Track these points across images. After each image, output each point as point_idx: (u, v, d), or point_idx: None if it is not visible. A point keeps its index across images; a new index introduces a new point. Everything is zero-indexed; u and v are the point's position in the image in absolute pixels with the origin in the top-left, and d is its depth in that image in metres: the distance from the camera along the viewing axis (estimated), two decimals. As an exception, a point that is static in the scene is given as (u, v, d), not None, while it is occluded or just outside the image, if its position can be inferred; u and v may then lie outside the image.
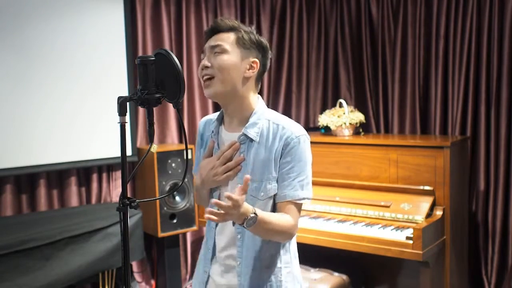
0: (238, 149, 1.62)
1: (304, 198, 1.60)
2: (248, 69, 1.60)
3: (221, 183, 1.64)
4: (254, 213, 1.46)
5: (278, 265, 1.64)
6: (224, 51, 1.57)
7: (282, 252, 1.65)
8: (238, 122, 1.64)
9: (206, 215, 1.40)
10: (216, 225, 1.68)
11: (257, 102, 1.65)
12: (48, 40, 3.37)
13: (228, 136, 1.66)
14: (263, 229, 1.52)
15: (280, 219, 1.55)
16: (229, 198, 1.37)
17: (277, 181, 1.59)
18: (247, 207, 1.45)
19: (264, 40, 1.66)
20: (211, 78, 1.58)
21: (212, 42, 1.60)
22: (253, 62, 1.61)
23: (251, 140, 1.60)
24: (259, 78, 1.66)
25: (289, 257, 1.67)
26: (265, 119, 1.62)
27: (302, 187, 1.59)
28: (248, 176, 1.43)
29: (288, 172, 1.57)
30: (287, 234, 1.59)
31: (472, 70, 3.66)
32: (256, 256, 1.61)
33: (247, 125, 1.61)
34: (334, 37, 4.44)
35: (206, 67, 1.58)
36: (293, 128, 1.60)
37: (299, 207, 1.61)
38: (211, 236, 1.70)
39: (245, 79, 1.60)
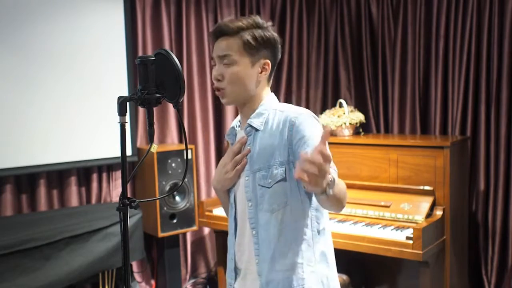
0: (245, 142, 1.60)
1: (335, 169, 1.47)
2: (261, 72, 1.58)
3: (233, 180, 1.61)
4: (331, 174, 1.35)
5: (299, 260, 1.54)
6: (233, 63, 1.54)
7: (303, 247, 1.55)
8: (248, 117, 1.62)
9: (296, 175, 1.24)
10: (235, 231, 1.63)
11: (267, 96, 1.63)
12: (48, 40, 3.37)
13: (241, 133, 1.65)
14: (338, 190, 1.41)
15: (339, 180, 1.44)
16: (321, 152, 1.21)
17: (287, 164, 1.51)
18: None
19: (271, 34, 1.59)
20: (224, 88, 1.56)
21: (219, 51, 1.56)
22: (264, 64, 1.58)
23: (256, 130, 1.58)
24: (271, 73, 1.63)
25: (313, 255, 1.56)
26: (272, 109, 1.59)
27: None
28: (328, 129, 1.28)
29: (305, 148, 1.47)
30: (346, 197, 1.49)
31: (472, 70, 3.66)
32: (273, 249, 1.54)
33: (252, 115, 1.59)
34: (334, 37, 4.44)
35: (218, 80, 1.57)
36: (298, 110, 1.56)
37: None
38: (231, 244, 1.66)
39: (258, 82, 1.59)
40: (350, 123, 3.68)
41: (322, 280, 1.57)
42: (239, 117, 1.70)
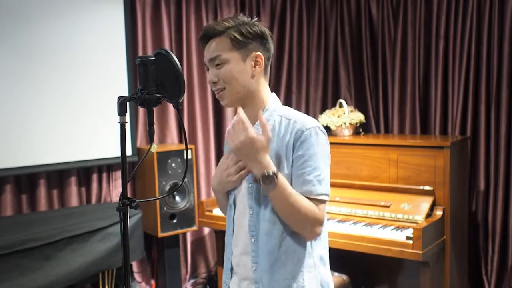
0: None
1: (322, 194, 1.49)
2: (254, 66, 1.55)
3: (235, 183, 1.59)
4: (275, 173, 1.44)
5: (299, 268, 1.53)
6: (224, 62, 1.53)
7: (303, 255, 1.54)
8: (252, 120, 1.58)
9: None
10: (234, 232, 1.62)
11: (269, 99, 1.61)
12: (48, 41, 3.37)
13: None
14: (284, 199, 1.45)
15: (304, 199, 1.47)
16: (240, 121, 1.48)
17: (291, 178, 1.51)
18: (269, 161, 1.46)
19: (259, 27, 1.57)
20: (222, 90, 1.56)
21: (209, 54, 1.56)
22: (256, 56, 1.55)
23: None
24: (266, 67, 1.61)
25: (312, 261, 1.56)
26: (277, 115, 1.58)
27: (319, 182, 1.49)
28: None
29: (302, 167, 1.49)
30: (310, 220, 1.47)
31: (472, 70, 3.66)
32: (273, 260, 1.53)
33: (257, 123, 1.56)
34: (334, 37, 4.44)
35: (214, 82, 1.56)
36: (305, 121, 1.53)
37: (321, 203, 1.50)
38: (229, 244, 1.65)
39: (253, 76, 1.56)
40: (350, 123, 3.68)
41: (322, 284, 1.58)
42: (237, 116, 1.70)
